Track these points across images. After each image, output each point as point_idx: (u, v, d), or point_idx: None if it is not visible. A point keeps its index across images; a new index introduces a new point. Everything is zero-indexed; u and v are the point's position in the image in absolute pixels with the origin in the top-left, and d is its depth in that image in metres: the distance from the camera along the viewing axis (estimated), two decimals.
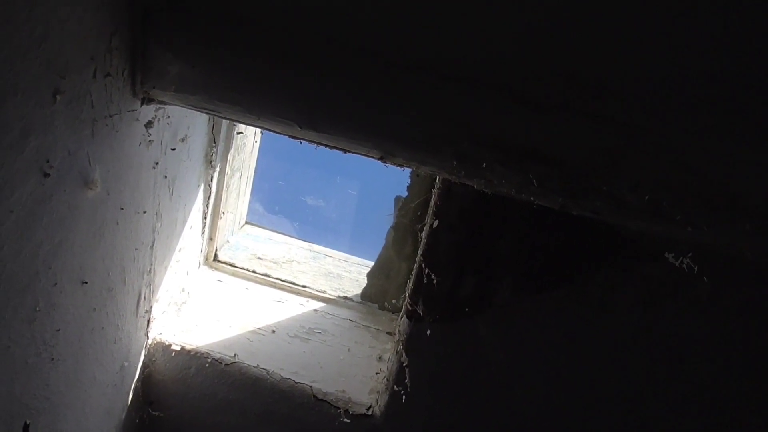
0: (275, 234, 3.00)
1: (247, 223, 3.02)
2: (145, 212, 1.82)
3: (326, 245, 2.98)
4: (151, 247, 1.95)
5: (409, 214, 2.30)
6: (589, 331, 1.78)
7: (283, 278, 2.64)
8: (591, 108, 1.44)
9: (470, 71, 1.45)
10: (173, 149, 1.87)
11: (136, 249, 1.82)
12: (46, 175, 1.18)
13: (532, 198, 1.54)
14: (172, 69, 1.45)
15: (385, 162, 1.58)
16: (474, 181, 1.55)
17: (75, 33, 1.15)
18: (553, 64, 1.42)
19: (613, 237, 1.69)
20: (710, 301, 1.72)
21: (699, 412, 1.86)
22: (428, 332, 1.82)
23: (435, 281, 1.80)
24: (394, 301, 2.53)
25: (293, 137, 1.61)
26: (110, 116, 1.40)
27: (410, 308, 1.87)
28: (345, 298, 2.59)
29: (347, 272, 2.77)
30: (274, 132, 1.61)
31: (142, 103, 1.53)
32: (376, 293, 2.55)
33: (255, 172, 2.86)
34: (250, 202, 3.02)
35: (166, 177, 1.92)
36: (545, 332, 1.78)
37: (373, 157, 1.58)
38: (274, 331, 2.38)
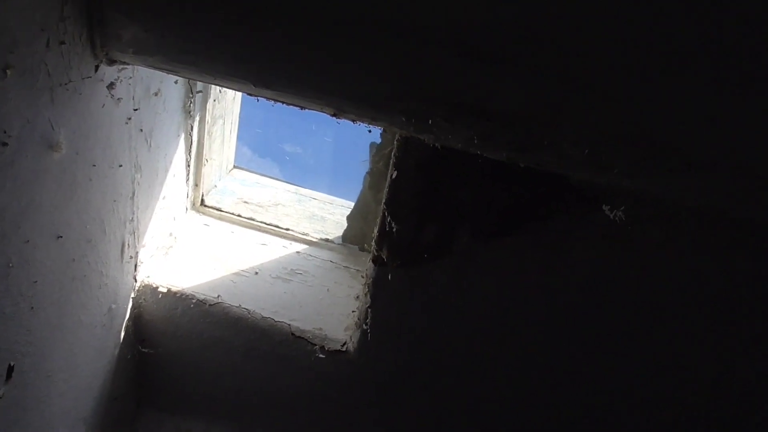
0: (262, 178, 3.09)
1: (235, 167, 3.11)
2: (121, 166, 1.91)
3: (312, 188, 3.07)
4: (132, 198, 2.06)
5: (383, 159, 2.37)
6: (545, 276, 1.87)
7: (268, 221, 2.75)
8: (533, 62, 1.47)
9: (415, 26, 1.48)
10: (147, 103, 1.95)
11: (114, 201, 1.92)
12: (4, 144, 1.26)
13: (479, 152, 1.60)
14: (127, 33, 1.50)
15: (338, 118, 1.64)
16: (424, 136, 1.61)
17: (20, 8, 1.21)
18: (499, 16, 1.44)
19: (562, 185, 1.75)
20: (658, 247, 1.79)
21: (655, 353, 1.96)
22: (390, 276, 1.93)
23: (396, 229, 1.89)
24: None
25: (251, 95, 1.67)
26: (70, 81, 1.47)
27: (375, 253, 1.98)
28: (327, 240, 2.70)
29: (331, 215, 2.87)
30: (233, 90, 1.67)
31: (102, 65, 1.59)
32: (356, 235, 2.65)
33: (240, 118, 2.92)
34: (238, 147, 3.10)
35: (141, 130, 2.00)
36: (502, 277, 1.88)
37: (327, 114, 1.65)
38: (257, 273, 2.51)
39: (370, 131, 1.75)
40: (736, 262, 1.72)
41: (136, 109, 1.90)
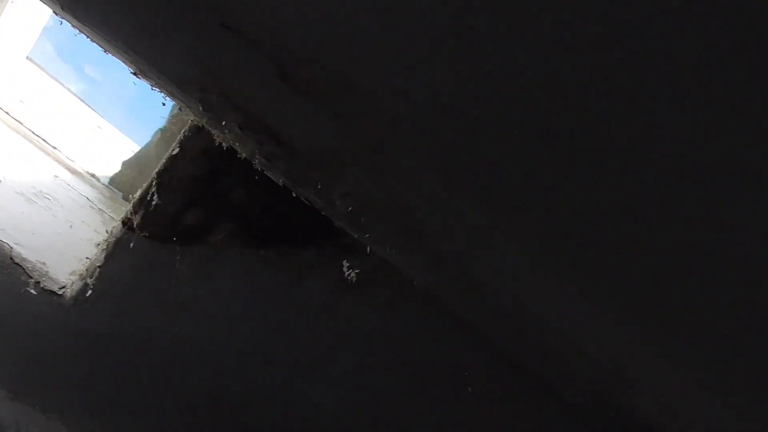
0: (54, 83, 2.81)
1: (28, 59, 2.79)
2: None
3: (103, 117, 2.86)
4: None
5: (179, 124, 2.31)
6: (278, 298, 1.97)
7: (38, 132, 2.51)
8: (340, 108, 1.56)
9: (252, 30, 1.49)
10: None
11: None
12: None
13: (259, 167, 1.65)
14: None
15: (137, 77, 1.58)
16: (215, 132, 1.62)
17: None
18: (325, 54, 1.51)
19: (326, 224, 1.87)
20: (388, 306, 1.99)
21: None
22: (132, 245, 1.89)
23: (157, 203, 1.86)
24: None
25: (56, 15, 1.54)
26: None
27: (128, 216, 1.92)
28: (92, 175, 2.54)
29: (109, 151, 2.71)
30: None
31: None
32: (125, 183, 2.54)
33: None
34: (41, 40, 2.79)
35: None
36: (239, 284, 1.94)
37: (128, 69, 1.58)
38: (0, 181, 2.28)
39: (164, 104, 1.70)
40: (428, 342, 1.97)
41: None
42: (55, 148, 2.51)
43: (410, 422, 2.08)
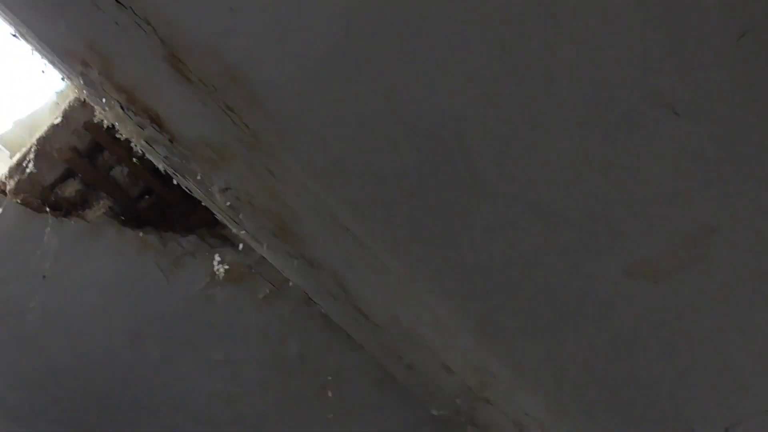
0: None
1: None
2: None
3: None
4: None
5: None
6: (154, 281, 1.94)
7: None
8: (231, 102, 1.54)
9: (147, 8, 1.44)
10: None
11: None
12: None
13: (141, 151, 1.61)
14: None
15: (18, 39, 1.51)
16: (98, 108, 1.57)
17: None
18: (223, 45, 1.48)
19: (208, 214, 1.85)
20: (266, 302, 1.99)
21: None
22: (1, 209, 1.81)
23: (36, 171, 1.78)
24: None
25: None
26: None
27: (3, 180, 1.83)
28: None
29: (6, 108, 2.57)
30: None
31: None
32: (14, 143, 2.41)
33: None
34: None
35: None
36: (114, 263, 1.89)
37: (7, 29, 1.51)
38: None
39: (43, 72, 1.63)
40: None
41: None
42: None
43: (272, 418, 2.10)
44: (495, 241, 1.71)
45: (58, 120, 1.71)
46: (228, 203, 1.60)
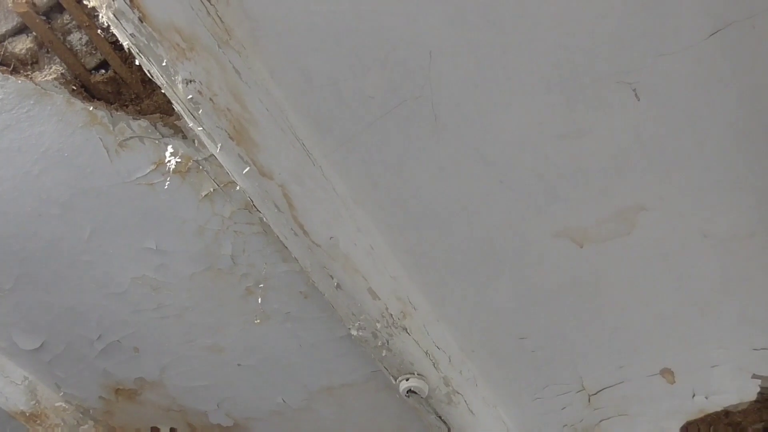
0: None
1: None
2: None
3: None
4: None
5: None
6: (94, 158, 1.89)
7: None
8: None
9: None
10: None
11: None
12: None
13: (106, 23, 1.54)
14: None
15: None
16: None
17: None
18: None
19: (165, 101, 1.80)
20: (207, 199, 1.99)
21: None
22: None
23: None
24: None
25: None
26: None
27: None
28: None
29: None
30: None
31: None
32: None
33: None
34: None
35: None
36: (56, 132, 1.84)
37: None
38: None
39: None
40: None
41: None
42: None
43: (194, 312, 2.15)
44: (443, 182, 1.77)
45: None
46: (189, 96, 1.57)
